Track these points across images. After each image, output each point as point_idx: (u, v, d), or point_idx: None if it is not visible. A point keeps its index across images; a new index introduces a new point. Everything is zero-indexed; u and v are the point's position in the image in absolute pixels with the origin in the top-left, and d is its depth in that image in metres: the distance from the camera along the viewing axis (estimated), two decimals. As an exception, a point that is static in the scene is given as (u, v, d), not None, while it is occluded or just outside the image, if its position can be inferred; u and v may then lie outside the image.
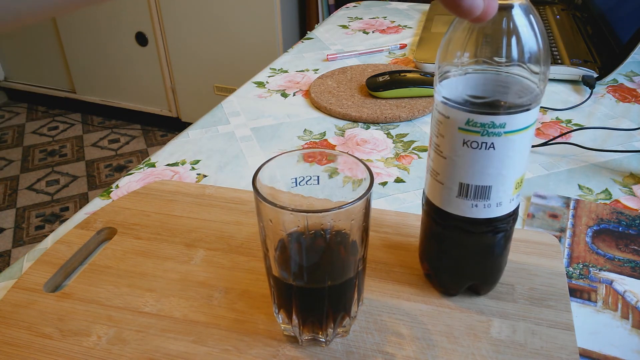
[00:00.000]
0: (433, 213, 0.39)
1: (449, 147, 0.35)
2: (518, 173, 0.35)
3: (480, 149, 0.34)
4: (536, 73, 0.32)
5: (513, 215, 0.38)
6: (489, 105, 0.33)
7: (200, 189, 0.55)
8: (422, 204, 0.41)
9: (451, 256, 0.40)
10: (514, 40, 0.31)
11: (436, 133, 0.36)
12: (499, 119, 0.32)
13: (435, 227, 0.39)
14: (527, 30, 0.31)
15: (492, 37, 0.31)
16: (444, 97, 0.34)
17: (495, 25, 0.31)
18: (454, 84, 0.34)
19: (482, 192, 0.35)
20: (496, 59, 0.32)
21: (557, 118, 0.71)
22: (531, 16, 0.31)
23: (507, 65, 0.32)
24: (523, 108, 0.33)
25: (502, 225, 0.38)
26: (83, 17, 2.41)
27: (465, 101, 0.33)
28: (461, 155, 0.35)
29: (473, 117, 0.33)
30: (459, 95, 0.33)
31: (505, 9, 0.31)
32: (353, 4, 1.28)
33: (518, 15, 0.31)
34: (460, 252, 0.39)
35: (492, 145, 0.33)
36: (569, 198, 0.54)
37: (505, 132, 0.33)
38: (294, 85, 0.84)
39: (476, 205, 0.36)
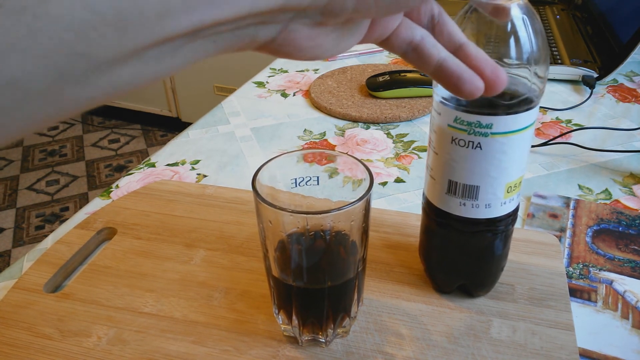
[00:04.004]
0: (427, 207, 0.39)
1: (440, 143, 0.35)
2: (510, 177, 0.35)
3: (467, 147, 0.34)
4: (530, 74, 0.32)
5: (506, 219, 0.37)
6: (476, 104, 0.32)
7: (200, 189, 0.55)
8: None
9: (441, 252, 0.40)
10: (511, 40, 0.31)
11: (431, 129, 0.36)
12: (485, 119, 0.32)
13: (428, 222, 0.40)
14: (524, 30, 0.31)
15: (491, 37, 0.31)
16: (438, 94, 0.34)
17: (493, 25, 0.31)
18: None
19: (470, 192, 0.35)
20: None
21: (557, 118, 0.71)
22: (528, 16, 0.31)
23: (503, 66, 0.32)
24: (511, 110, 0.32)
25: (492, 228, 0.37)
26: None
27: (454, 98, 0.33)
28: (450, 152, 0.35)
29: (460, 115, 0.33)
30: (449, 92, 0.33)
31: (501, 10, 0.31)
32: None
33: (516, 15, 0.31)
34: (449, 249, 0.40)
35: (478, 145, 0.33)
36: (569, 198, 0.54)
37: (492, 133, 0.33)
38: (294, 85, 0.84)
39: (464, 204, 0.36)
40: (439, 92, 0.34)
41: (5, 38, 0.15)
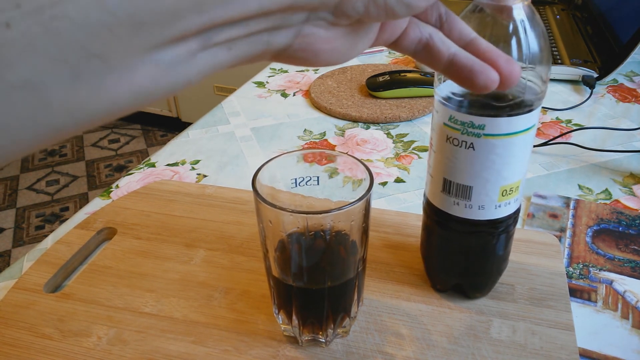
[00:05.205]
0: (425, 204, 0.40)
1: (437, 141, 0.36)
2: (504, 180, 0.35)
3: (460, 147, 0.34)
4: (531, 77, 0.32)
5: (501, 222, 0.37)
6: (470, 104, 0.32)
7: (200, 189, 0.55)
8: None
9: (435, 249, 0.41)
10: (513, 42, 0.31)
11: (431, 127, 0.37)
12: (478, 120, 0.32)
13: (426, 218, 0.40)
14: (527, 32, 0.31)
15: (492, 38, 0.31)
16: (438, 94, 0.34)
17: (496, 26, 0.31)
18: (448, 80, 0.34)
19: (463, 191, 0.35)
20: None
21: (557, 118, 0.71)
22: (531, 18, 0.31)
23: None
24: (503, 113, 0.32)
25: (486, 230, 0.37)
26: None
27: (451, 98, 0.33)
28: (444, 151, 0.35)
29: (455, 114, 0.33)
30: (445, 91, 0.33)
31: (506, 10, 0.31)
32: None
33: (520, 16, 0.30)
34: (444, 247, 0.40)
35: (471, 146, 0.33)
36: (569, 198, 0.54)
37: (485, 135, 0.32)
38: (294, 85, 0.84)
39: (457, 204, 0.36)
40: (439, 91, 0.34)
41: (22, 38, 0.15)
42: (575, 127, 0.68)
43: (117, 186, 0.59)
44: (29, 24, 0.15)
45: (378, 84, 0.75)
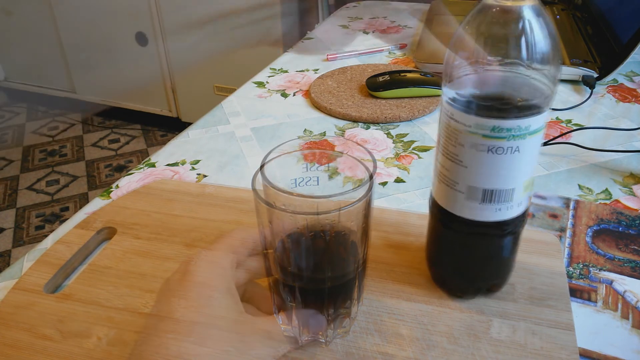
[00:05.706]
0: (447, 218, 0.38)
1: (467, 155, 0.34)
2: (530, 175, 0.35)
3: (505, 154, 0.33)
4: (541, 76, 0.32)
5: (524, 215, 0.38)
6: (500, 109, 0.32)
7: (200, 189, 0.55)
8: (429, 206, 0.40)
9: (462, 259, 0.40)
10: (522, 41, 0.30)
11: (456, 143, 0.34)
12: (524, 122, 0.32)
13: (454, 235, 0.39)
14: (536, 32, 0.30)
15: (500, 38, 0.31)
16: (448, 99, 0.34)
17: (503, 26, 0.31)
18: (464, 82, 0.33)
19: (506, 196, 0.35)
20: (494, 60, 0.31)
21: (557, 118, 0.71)
22: (541, 18, 0.30)
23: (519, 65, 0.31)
24: (530, 111, 0.32)
25: (512, 229, 0.38)
26: (83, 16, 2.41)
27: (471, 102, 0.32)
28: (483, 161, 0.34)
29: (499, 123, 0.32)
30: (466, 95, 0.33)
31: (516, 10, 0.30)
32: (353, 3, 1.28)
33: (527, 16, 0.30)
34: (473, 254, 0.39)
35: (517, 149, 0.33)
36: (569, 198, 0.54)
37: (529, 134, 0.33)
38: (294, 85, 0.84)
39: (499, 210, 0.36)
40: (455, 95, 0.33)
41: None
42: (575, 127, 0.68)
43: (117, 186, 0.59)
44: None
45: (378, 84, 0.75)
